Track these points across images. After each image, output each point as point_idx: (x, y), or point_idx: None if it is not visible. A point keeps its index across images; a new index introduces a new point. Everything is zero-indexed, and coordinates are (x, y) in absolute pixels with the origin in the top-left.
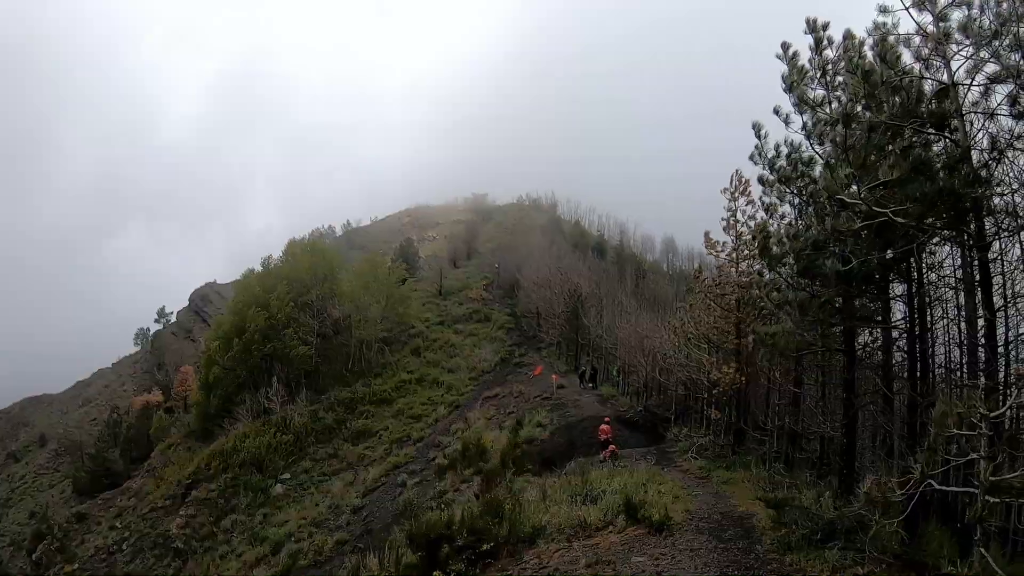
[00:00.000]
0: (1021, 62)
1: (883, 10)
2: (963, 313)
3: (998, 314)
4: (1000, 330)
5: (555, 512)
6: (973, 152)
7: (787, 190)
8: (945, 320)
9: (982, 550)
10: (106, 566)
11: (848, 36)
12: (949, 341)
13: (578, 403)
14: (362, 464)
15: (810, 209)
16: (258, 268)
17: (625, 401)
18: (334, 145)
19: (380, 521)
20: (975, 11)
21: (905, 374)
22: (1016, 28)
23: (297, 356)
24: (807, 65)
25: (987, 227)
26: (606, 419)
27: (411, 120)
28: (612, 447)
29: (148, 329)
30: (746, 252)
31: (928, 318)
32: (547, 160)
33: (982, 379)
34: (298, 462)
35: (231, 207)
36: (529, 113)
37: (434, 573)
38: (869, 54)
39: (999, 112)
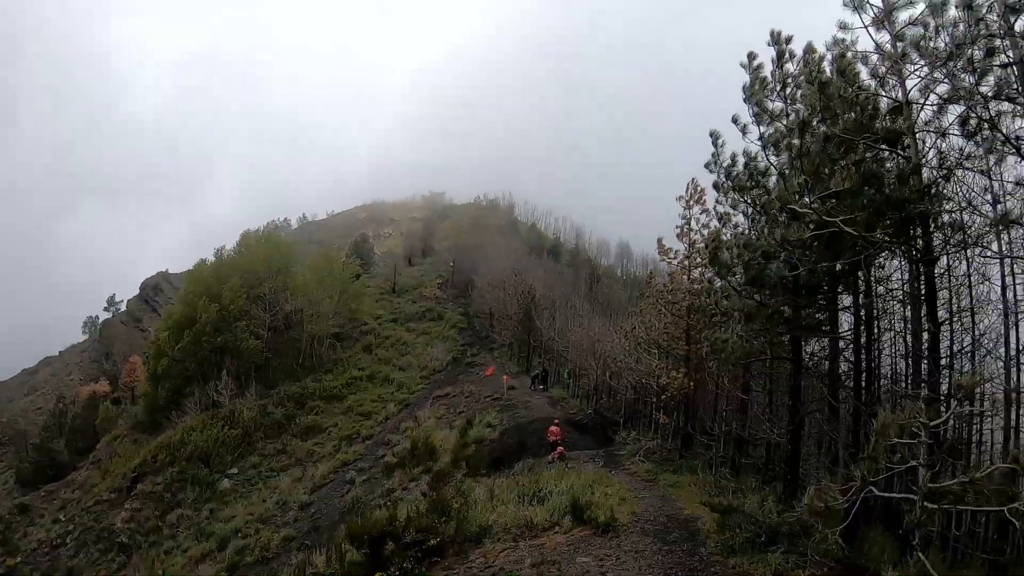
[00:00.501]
0: (973, 84)
1: (843, 27)
2: (909, 326)
3: (943, 327)
4: (945, 343)
5: (502, 512)
6: (924, 170)
7: (741, 199)
8: (892, 332)
9: (920, 554)
10: (49, 560)
11: (809, 50)
12: (895, 353)
13: (528, 404)
14: (311, 460)
15: (762, 219)
16: (212, 259)
17: (575, 404)
18: (307, 137)
19: (328, 518)
20: (931, 32)
21: (851, 383)
22: (970, 51)
23: (248, 349)
24: (769, 77)
25: (934, 242)
26: (556, 421)
27: (383, 117)
28: (561, 449)
29: (97, 317)
30: (698, 260)
31: (875, 329)
32: (508, 162)
33: (925, 390)
34: (246, 457)
35: (195, 196)
36: (495, 116)
37: (377, 574)
38: (828, 69)
39: (951, 132)
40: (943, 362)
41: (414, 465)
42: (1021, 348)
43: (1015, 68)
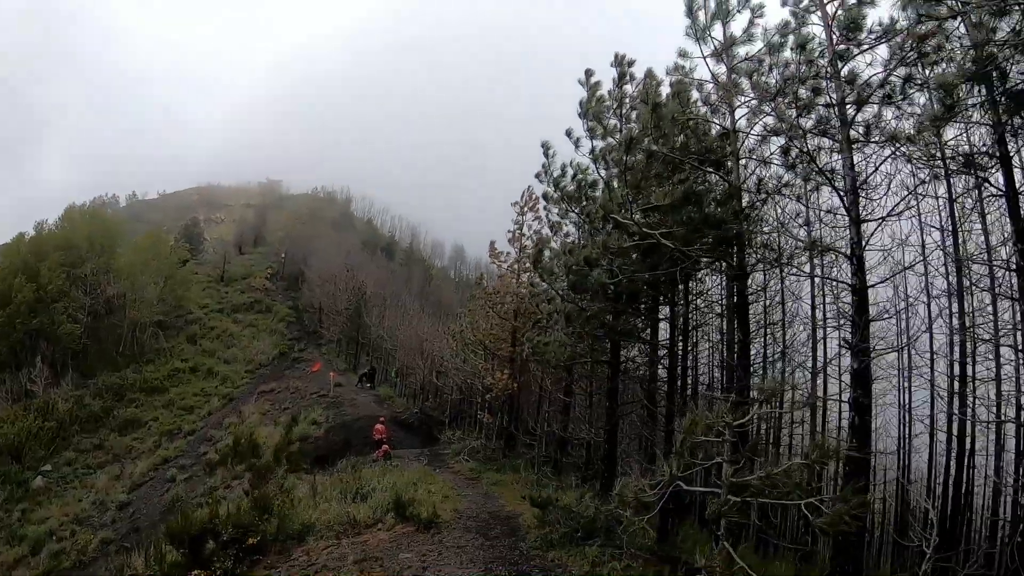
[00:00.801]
0: (796, 118)
1: (683, 54)
2: (724, 336)
3: (757, 338)
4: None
5: (325, 509)
6: (744, 194)
7: (570, 208)
8: (709, 341)
9: (725, 543)
10: None
11: (649, 75)
12: (712, 360)
13: (355, 402)
14: (130, 457)
15: (588, 228)
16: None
17: (402, 402)
18: (153, 111)
19: (148, 519)
20: (764, 68)
21: (667, 388)
22: (797, 89)
23: (65, 334)
24: (606, 95)
25: (749, 260)
26: (381, 419)
27: (233, 100)
28: (386, 447)
29: None
30: (528, 264)
31: (694, 338)
32: (350, 156)
33: (733, 394)
34: (61, 452)
35: (23, 160)
36: (342, 110)
37: (195, 572)
38: (665, 93)
39: (772, 160)
40: (757, 369)
41: (237, 462)
42: (829, 360)
43: (836, 108)
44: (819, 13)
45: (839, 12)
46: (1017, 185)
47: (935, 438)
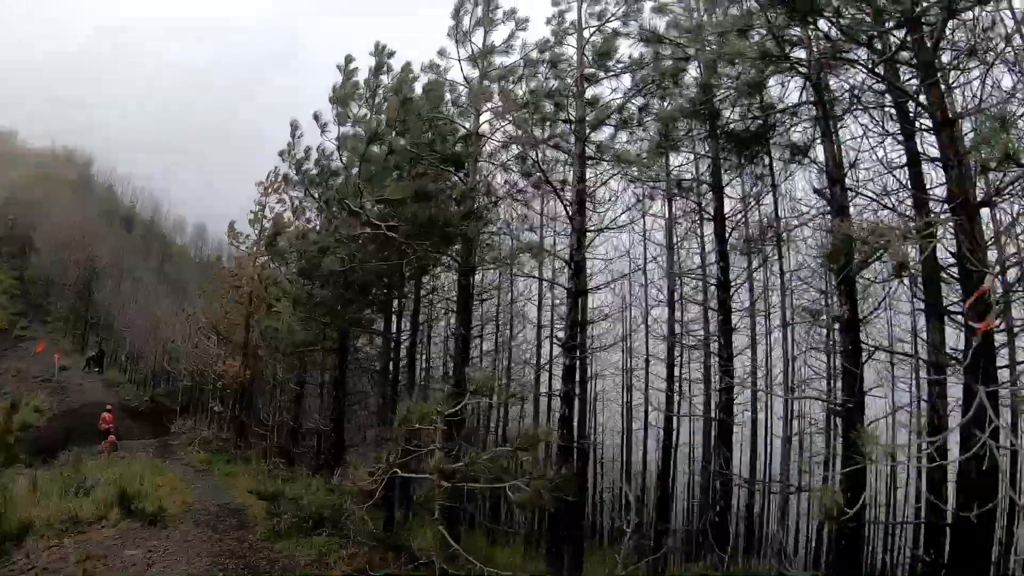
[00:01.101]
0: (531, 129)
1: (442, 53)
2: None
3: (484, 334)
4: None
5: (46, 506)
6: (479, 196)
7: (310, 193)
8: (443, 335)
9: (440, 527)
10: None
11: (406, 68)
12: (445, 352)
13: (81, 388)
14: None
15: (325, 213)
16: None
17: (132, 389)
18: None
19: None
20: (515, 79)
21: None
22: (540, 102)
23: None
24: (362, 84)
25: (475, 258)
26: (109, 407)
27: None
28: (112, 437)
29: None
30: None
31: (426, 331)
32: (94, 116)
33: (449, 384)
34: None
35: None
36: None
37: None
38: (418, 89)
39: (510, 167)
40: (482, 362)
41: None
42: (555, 357)
43: (574, 125)
44: (575, 36)
45: (594, 38)
46: (726, 211)
47: (647, 432)
